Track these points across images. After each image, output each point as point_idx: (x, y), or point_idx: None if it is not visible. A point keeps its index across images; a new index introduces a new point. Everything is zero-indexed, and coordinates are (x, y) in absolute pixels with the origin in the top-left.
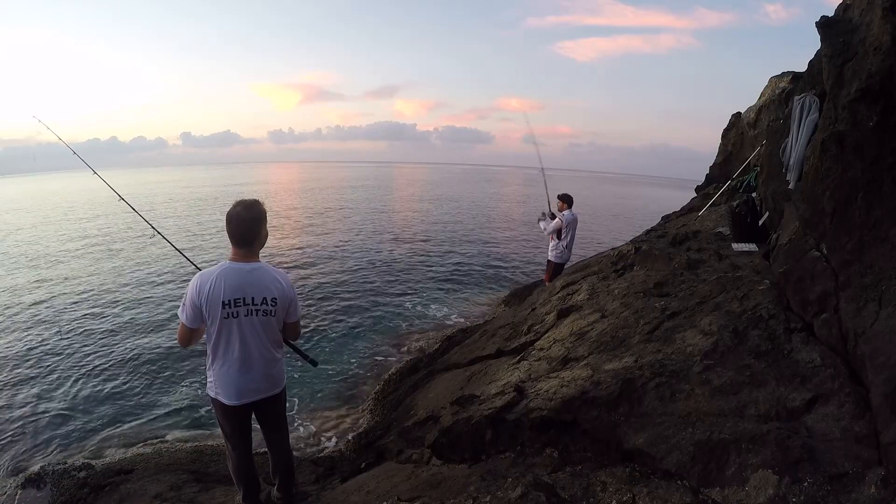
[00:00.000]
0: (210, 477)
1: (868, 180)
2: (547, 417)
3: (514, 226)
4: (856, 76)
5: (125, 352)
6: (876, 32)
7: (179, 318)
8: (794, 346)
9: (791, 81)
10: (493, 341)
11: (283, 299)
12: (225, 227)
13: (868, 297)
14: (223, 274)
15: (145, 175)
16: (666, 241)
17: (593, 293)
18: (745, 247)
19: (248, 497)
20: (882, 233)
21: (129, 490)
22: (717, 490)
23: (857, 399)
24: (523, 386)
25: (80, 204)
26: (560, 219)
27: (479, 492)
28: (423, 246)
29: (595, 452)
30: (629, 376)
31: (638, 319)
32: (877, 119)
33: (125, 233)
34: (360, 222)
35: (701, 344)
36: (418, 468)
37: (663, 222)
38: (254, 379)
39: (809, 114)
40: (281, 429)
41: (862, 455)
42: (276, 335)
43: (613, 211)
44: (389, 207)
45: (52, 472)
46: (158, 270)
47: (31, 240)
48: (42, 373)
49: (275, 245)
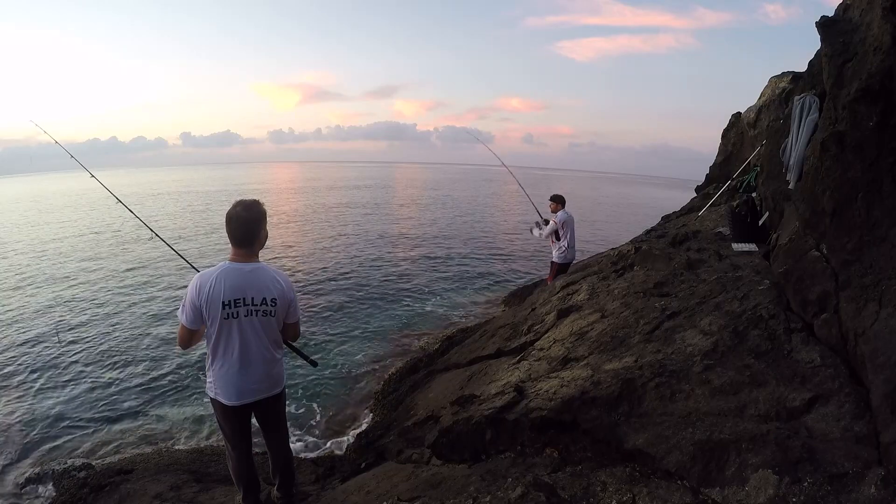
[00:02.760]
0: (210, 477)
1: (868, 180)
2: (547, 417)
3: (515, 226)
4: (856, 76)
5: (125, 352)
6: (876, 32)
7: (179, 319)
8: (794, 346)
9: (791, 81)
10: (493, 341)
11: (282, 300)
12: (225, 227)
13: (868, 297)
14: (223, 274)
15: (145, 175)
16: (666, 241)
17: (593, 293)
18: (745, 247)
19: (248, 497)
20: (882, 233)
21: (129, 490)
22: (717, 490)
23: (857, 399)
24: (523, 386)
25: (80, 204)
26: (554, 220)
27: (479, 492)
28: (423, 246)
29: (595, 452)
30: (629, 376)
31: (638, 319)
32: (877, 119)
33: (124, 233)
34: (360, 222)
35: (701, 344)
36: (418, 468)
37: (663, 222)
38: (253, 379)
39: (809, 114)
40: (280, 429)
41: (862, 455)
42: (276, 335)
43: (613, 211)
44: (389, 207)
45: (52, 472)
46: (158, 271)
47: (28, 240)
48: (42, 373)
49: (275, 245)
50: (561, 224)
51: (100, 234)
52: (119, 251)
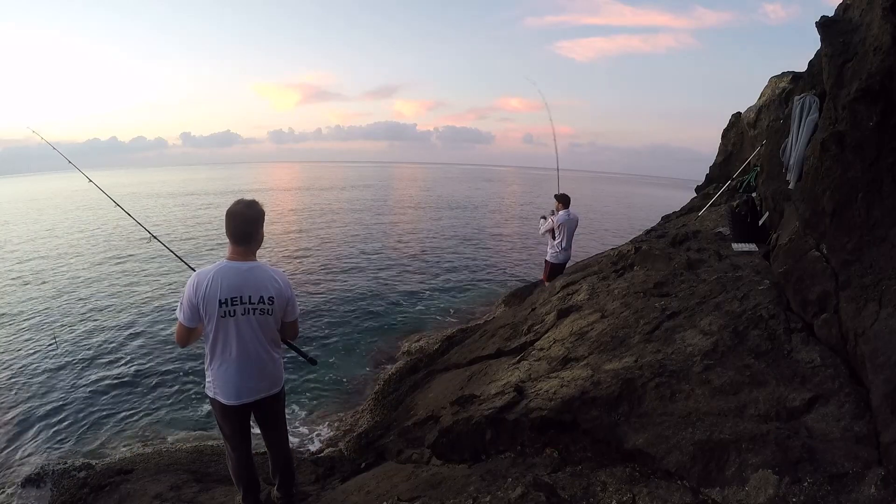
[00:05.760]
0: (210, 477)
1: (868, 180)
2: (547, 417)
3: (515, 226)
4: (856, 76)
5: (124, 352)
6: (876, 32)
7: (177, 317)
8: (794, 346)
9: (791, 81)
10: (493, 341)
11: (279, 298)
12: (224, 224)
13: (868, 297)
14: (220, 273)
15: (145, 175)
16: (666, 241)
17: (593, 293)
18: (745, 247)
19: (248, 497)
20: (882, 233)
21: (129, 490)
22: (717, 490)
23: (857, 399)
24: (523, 386)
25: (80, 204)
26: (551, 219)
27: (479, 492)
28: (423, 246)
29: (595, 452)
30: (629, 376)
31: (638, 319)
32: (877, 119)
33: (124, 233)
34: (360, 222)
35: (701, 344)
36: (418, 468)
37: (663, 222)
38: (252, 378)
39: (809, 114)
40: (280, 429)
41: (862, 455)
42: (274, 334)
43: (613, 211)
44: (389, 207)
45: (52, 472)
46: (157, 271)
47: (29, 240)
48: (41, 373)
49: (275, 245)
50: (558, 224)
51: (99, 235)
52: (118, 252)
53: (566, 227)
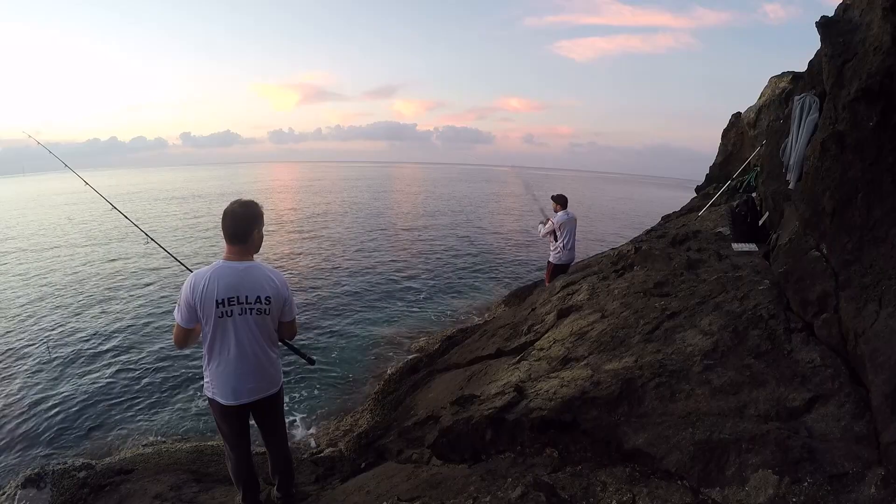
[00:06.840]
0: (210, 477)
1: (868, 180)
2: (547, 417)
3: (514, 226)
4: (856, 76)
5: (124, 353)
6: (876, 32)
7: (175, 318)
8: (794, 346)
9: (791, 81)
10: (493, 341)
11: (276, 298)
12: (220, 224)
13: (868, 297)
14: (217, 273)
15: (145, 175)
16: (666, 241)
17: (593, 293)
18: (745, 247)
19: (248, 497)
20: (882, 233)
21: (129, 490)
22: (717, 490)
23: (857, 399)
24: (523, 386)
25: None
26: (552, 221)
27: (479, 492)
28: (423, 246)
29: (595, 452)
30: (629, 376)
31: (638, 319)
32: (877, 119)
33: (123, 233)
34: (360, 222)
35: (701, 344)
36: (418, 468)
37: (663, 222)
38: (250, 378)
39: (809, 114)
40: (279, 429)
41: (862, 455)
42: (272, 334)
43: (613, 211)
44: (389, 207)
45: (52, 472)
46: (154, 272)
47: (27, 239)
48: (41, 373)
49: (275, 245)
50: (558, 225)
51: (98, 235)
52: (118, 252)
53: (567, 227)
